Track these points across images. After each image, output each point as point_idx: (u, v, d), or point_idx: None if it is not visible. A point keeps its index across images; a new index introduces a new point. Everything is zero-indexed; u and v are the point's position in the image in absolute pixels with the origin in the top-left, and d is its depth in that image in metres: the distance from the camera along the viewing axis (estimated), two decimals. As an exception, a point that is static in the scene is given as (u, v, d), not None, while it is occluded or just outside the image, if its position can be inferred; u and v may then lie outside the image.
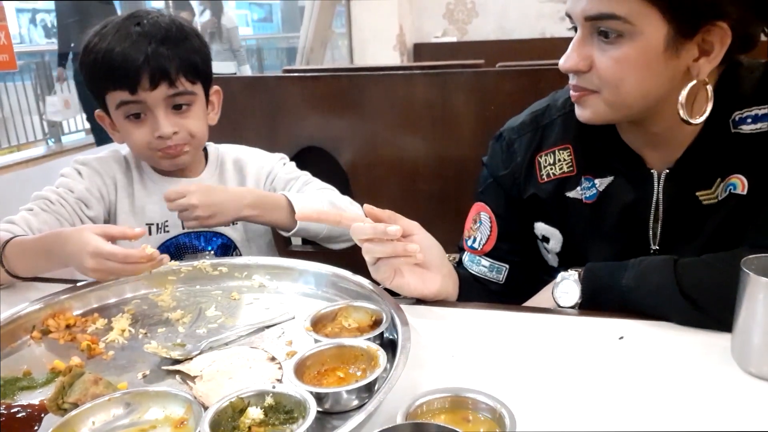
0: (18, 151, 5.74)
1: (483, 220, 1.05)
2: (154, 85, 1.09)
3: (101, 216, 1.19)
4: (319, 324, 0.80)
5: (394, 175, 1.91)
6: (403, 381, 0.65)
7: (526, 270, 1.06)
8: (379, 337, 0.77)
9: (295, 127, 1.94)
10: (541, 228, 1.03)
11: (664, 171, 0.91)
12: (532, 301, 0.97)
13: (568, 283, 0.89)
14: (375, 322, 0.81)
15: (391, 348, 0.74)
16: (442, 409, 0.60)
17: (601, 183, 0.95)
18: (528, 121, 1.03)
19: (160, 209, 1.20)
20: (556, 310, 0.89)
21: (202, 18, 5.72)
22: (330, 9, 4.31)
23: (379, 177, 1.92)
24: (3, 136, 5.73)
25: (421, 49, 4.44)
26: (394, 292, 0.89)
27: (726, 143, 0.87)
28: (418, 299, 0.91)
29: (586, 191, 0.97)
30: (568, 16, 0.87)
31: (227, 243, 1.24)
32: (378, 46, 4.37)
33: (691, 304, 0.79)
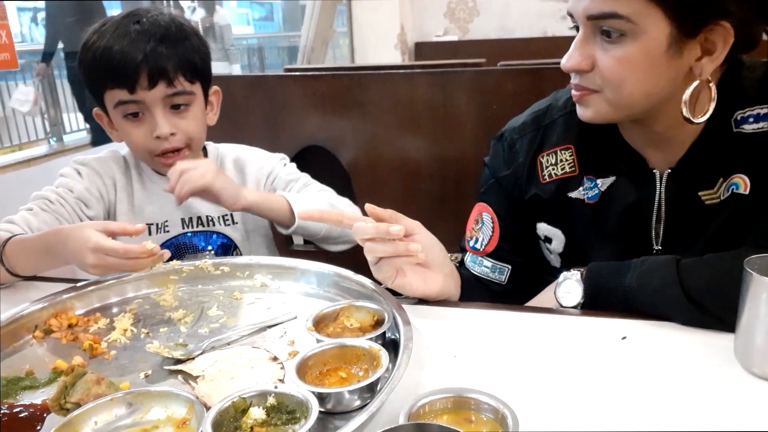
0: (19, 150, 5.73)
1: (485, 221, 1.05)
2: (152, 84, 1.09)
3: (100, 216, 1.19)
4: (321, 324, 0.80)
5: (395, 174, 1.91)
6: (406, 381, 0.65)
7: (529, 270, 1.06)
8: (381, 337, 0.77)
9: (296, 126, 1.94)
10: (543, 228, 1.03)
11: (667, 171, 0.91)
12: (534, 301, 0.97)
13: (570, 283, 0.89)
14: (377, 321, 0.81)
15: (393, 348, 0.74)
16: (445, 409, 0.60)
17: (603, 183, 0.95)
18: (529, 121, 1.02)
19: (160, 209, 1.21)
20: (559, 310, 0.89)
21: (195, 16, 5.69)
22: (331, 8, 4.31)
23: (380, 176, 1.92)
24: (5, 135, 5.72)
25: (423, 48, 4.43)
26: (395, 292, 0.89)
27: (728, 143, 0.87)
28: (420, 299, 0.91)
29: (588, 191, 0.96)
30: (569, 15, 0.87)
31: (227, 243, 1.24)
32: (379, 45, 4.37)
33: (693, 304, 0.79)
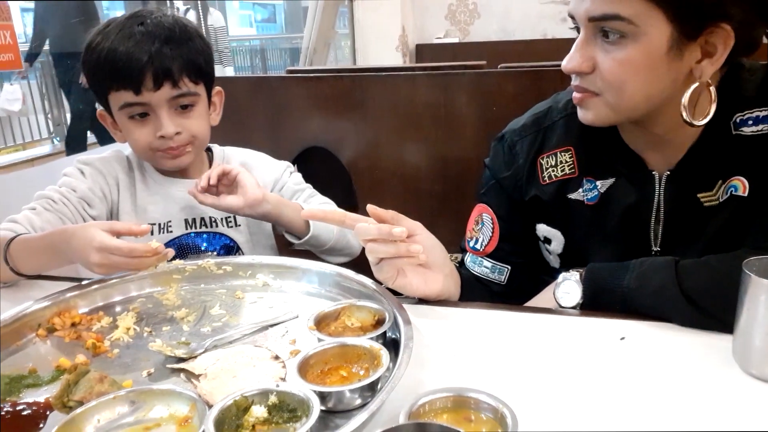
0: (23, 150, 5.75)
1: (485, 222, 1.06)
2: (158, 85, 1.09)
3: (104, 215, 1.20)
4: (323, 323, 0.81)
5: (396, 175, 1.91)
6: (406, 380, 0.66)
7: (528, 271, 1.06)
8: (382, 336, 0.77)
9: (298, 127, 1.95)
10: (542, 229, 1.03)
11: (666, 173, 0.92)
12: (533, 302, 0.97)
13: (569, 284, 0.89)
14: (378, 321, 0.81)
15: (393, 347, 0.75)
16: (445, 408, 0.61)
17: (602, 185, 0.96)
18: (530, 123, 1.03)
19: (163, 209, 1.21)
20: (558, 310, 0.89)
21: (187, 17, 5.71)
22: (333, 10, 4.32)
23: (381, 177, 1.93)
24: (8, 135, 5.74)
25: (423, 49, 4.43)
26: (396, 292, 0.89)
27: (727, 145, 0.87)
28: (421, 299, 0.91)
29: (588, 193, 0.97)
30: (570, 17, 0.87)
31: (230, 244, 1.24)
32: (381, 47, 4.37)
33: (692, 305, 0.79)
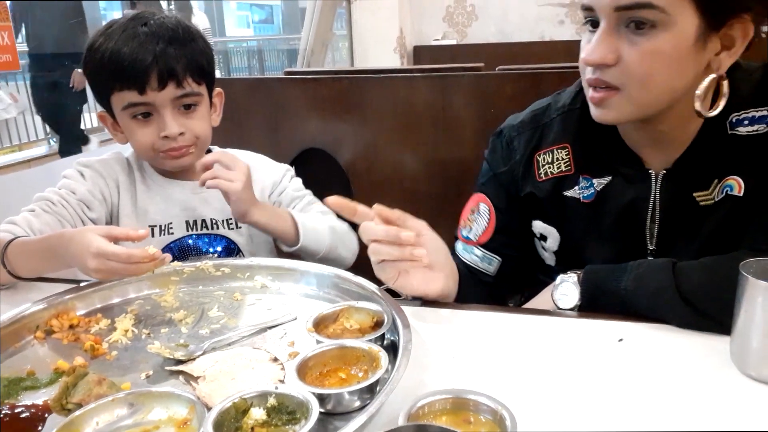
0: (19, 151, 5.74)
1: (482, 211, 1.05)
2: (162, 85, 1.09)
3: (103, 218, 1.19)
4: (321, 325, 0.81)
5: (394, 177, 1.91)
6: (405, 382, 0.66)
7: (519, 266, 1.06)
8: (381, 338, 0.77)
9: (296, 128, 1.95)
10: (538, 226, 1.03)
11: (662, 171, 0.92)
12: (531, 303, 0.98)
13: (567, 286, 0.89)
14: (376, 323, 0.81)
15: (392, 349, 0.75)
16: (444, 410, 0.61)
17: (599, 183, 0.96)
18: (528, 119, 1.03)
19: (163, 211, 1.21)
20: (556, 312, 0.90)
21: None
22: (331, 11, 4.31)
23: (379, 179, 1.93)
24: (4, 136, 5.73)
25: (421, 51, 4.43)
26: (395, 291, 0.89)
27: (723, 145, 0.88)
28: (420, 299, 0.91)
29: (584, 191, 0.97)
30: (586, 9, 0.83)
31: (231, 246, 1.24)
32: (378, 49, 4.37)
33: (690, 306, 0.80)
